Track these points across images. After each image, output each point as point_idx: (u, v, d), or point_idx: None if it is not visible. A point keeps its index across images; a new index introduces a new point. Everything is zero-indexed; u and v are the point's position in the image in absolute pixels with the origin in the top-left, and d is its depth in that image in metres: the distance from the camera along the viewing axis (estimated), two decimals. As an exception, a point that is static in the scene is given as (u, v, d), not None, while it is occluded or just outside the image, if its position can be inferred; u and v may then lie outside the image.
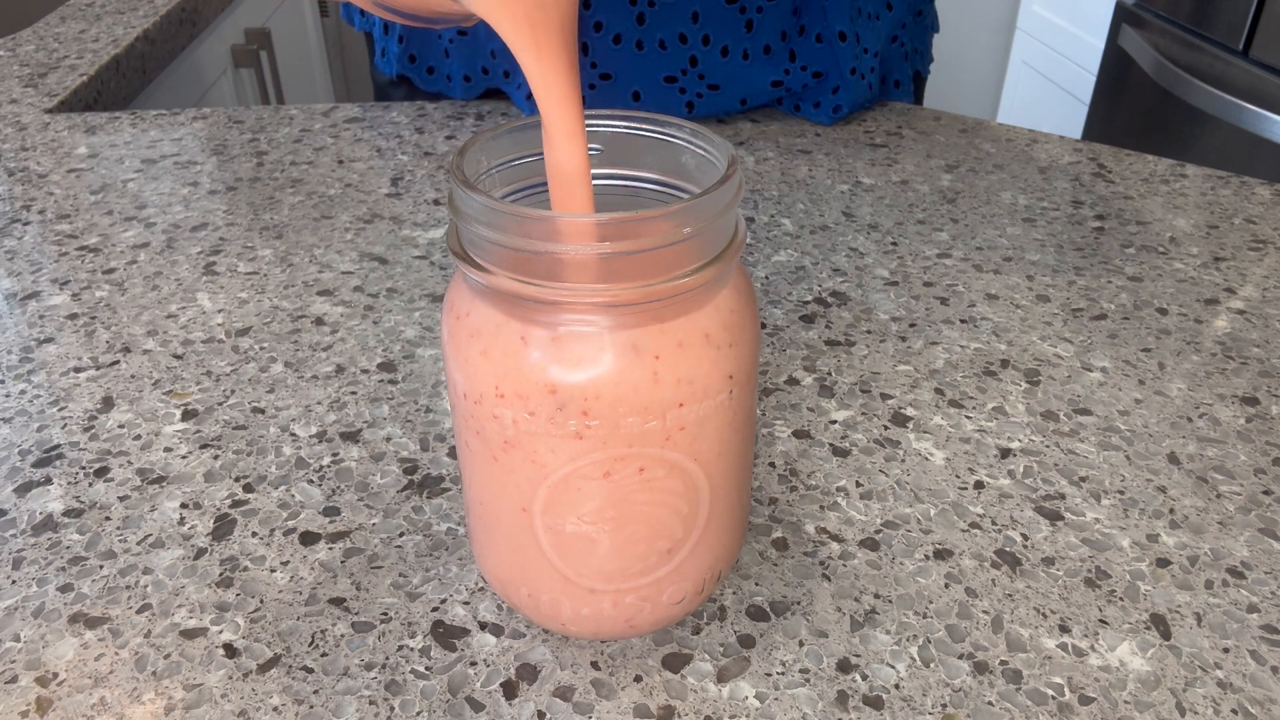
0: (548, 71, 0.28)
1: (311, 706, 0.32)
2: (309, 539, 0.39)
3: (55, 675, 0.33)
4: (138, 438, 0.44)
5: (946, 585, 0.37)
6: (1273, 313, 0.53)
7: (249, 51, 1.27)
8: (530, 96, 0.74)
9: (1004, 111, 2.21)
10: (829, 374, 0.48)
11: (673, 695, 0.33)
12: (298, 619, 0.35)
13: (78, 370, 0.49)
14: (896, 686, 0.33)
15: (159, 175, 0.68)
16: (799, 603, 0.36)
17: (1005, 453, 0.43)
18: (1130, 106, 1.59)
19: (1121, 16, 1.61)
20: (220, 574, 0.37)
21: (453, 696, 0.32)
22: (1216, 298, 0.54)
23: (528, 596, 0.32)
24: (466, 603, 0.36)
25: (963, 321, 0.52)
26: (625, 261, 0.26)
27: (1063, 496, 0.41)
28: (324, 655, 0.34)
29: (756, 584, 0.37)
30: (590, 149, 0.31)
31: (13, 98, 0.82)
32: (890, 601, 0.36)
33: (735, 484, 0.32)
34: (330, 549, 0.38)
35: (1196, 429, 0.45)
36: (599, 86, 0.72)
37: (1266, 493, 0.41)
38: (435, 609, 0.36)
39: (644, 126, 0.31)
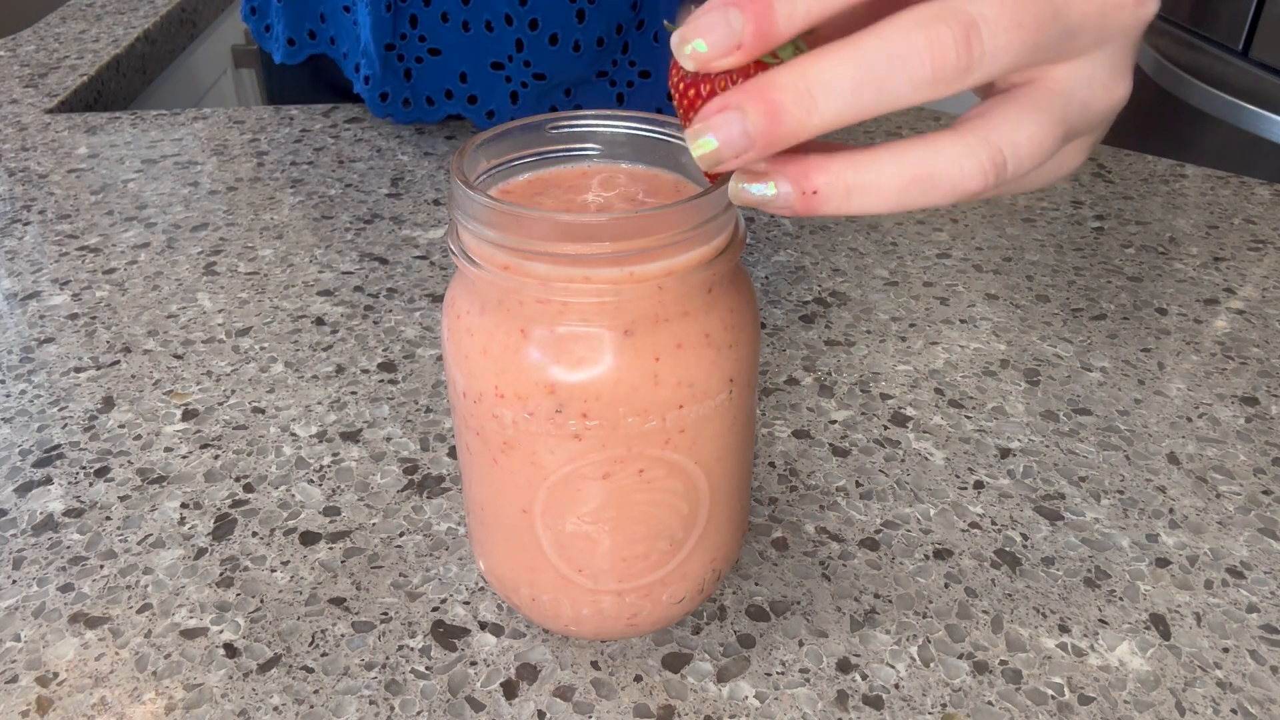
0: None
1: (312, 706, 0.32)
2: (309, 539, 0.39)
3: (56, 675, 0.33)
4: (138, 438, 0.44)
5: (946, 585, 0.37)
6: (1272, 313, 0.53)
7: (249, 52, 1.27)
8: (490, 114, 0.71)
9: (1004, 111, 2.20)
10: (829, 374, 0.48)
11: (673, 695, 0.33)
12: (298, 619, 0.35)
13: (78, 370, 0.49)
14: (896, 686, 0.33)
15: (159, 175, 0.68)
16: (799, 603, 0.36)
17: (1005, 453, 0.43)
18: (1130, 106, 1.59)
19: (1121, 17, 1.60)
20: (220, 574, 0.37)
21: (453, 696, 0.33)
22: (1216, 298, 0.54)
23: (528, 596, 0.32)
24: (467, 602, 0.36)
25: (962, 321, 0.52)
26: (625, 261, 0.26)
27: (1062, 496, 0.41)
28: (324, 655, 0.34)
29: (756, 584, 0.37)
30: (588, 149, 0.32)
31: (13, 98, 0.82)
32: (890, 601, 0.36)
33: (735, 484, 0.32)
34: (330, 549, 0.38)
35: (1196, 429, 0.45)
36: (425, 61, 0.68)
37: (1266, 493, 0.41)
38: (435, 609, 0.36)
39: (644, 126, 0.31)
